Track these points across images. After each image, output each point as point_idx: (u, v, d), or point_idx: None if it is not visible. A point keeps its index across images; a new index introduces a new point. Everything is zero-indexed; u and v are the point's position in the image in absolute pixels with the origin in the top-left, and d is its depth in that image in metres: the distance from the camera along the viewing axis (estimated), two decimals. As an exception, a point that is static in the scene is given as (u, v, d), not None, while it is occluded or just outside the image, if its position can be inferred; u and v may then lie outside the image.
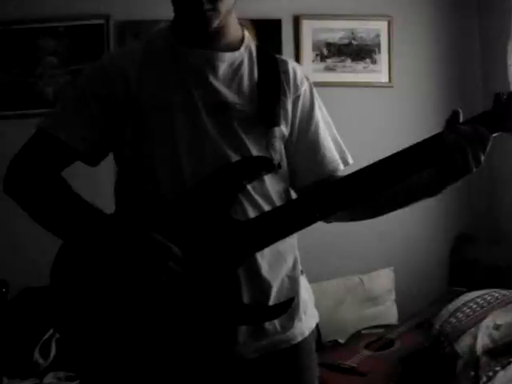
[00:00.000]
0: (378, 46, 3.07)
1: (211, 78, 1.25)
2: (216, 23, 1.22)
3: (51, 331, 2.44)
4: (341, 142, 1.39)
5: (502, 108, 1.18)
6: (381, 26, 3.07)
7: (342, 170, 1.35)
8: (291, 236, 1.26)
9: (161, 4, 1.31)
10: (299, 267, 1.33)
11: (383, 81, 3.08)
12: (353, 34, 3.07)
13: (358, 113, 3.04)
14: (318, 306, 1.41)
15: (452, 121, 1.18)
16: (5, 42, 2.91)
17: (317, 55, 3.05)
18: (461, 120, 1.18)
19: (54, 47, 2.92)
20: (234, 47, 1.30)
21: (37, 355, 2.41)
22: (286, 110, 1.30)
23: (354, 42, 3.07)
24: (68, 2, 2.90)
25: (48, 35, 2.91)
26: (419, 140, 1.20)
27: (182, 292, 1.18)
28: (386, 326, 2.67)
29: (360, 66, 3.07)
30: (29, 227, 1.29)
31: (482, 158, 1.15)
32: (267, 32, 2.98)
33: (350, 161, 1.38)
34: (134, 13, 2.88)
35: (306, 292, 1.35)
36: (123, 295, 1.19)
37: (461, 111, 1.19)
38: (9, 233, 2.70)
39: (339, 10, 3.05)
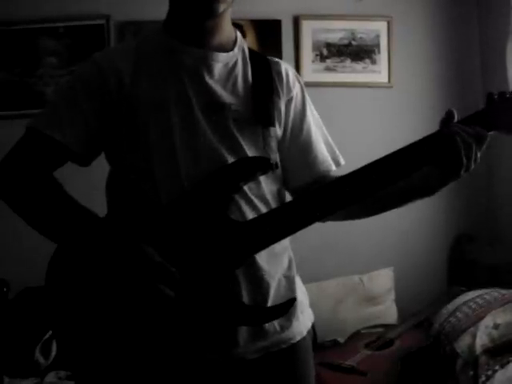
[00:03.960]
0: (378, 46, 3.07)
1: (207, 78, 1.25)
2: (222, 9, 1.21)
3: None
4: (332, 143, 1.40)
5: (494, 107, 1.20)
6: (380, 27, 3.07)
7: (334, 171, 1.36)
8: None
9: (161, 4, 1.31)
10: (294, 267, 1.34)
11: (383, 81, 3.08)
12: (352, 34, 3.07)
13: (358, 113, 3.04)
14: (317, 305, 1.42)
15: (446, 121, 1.20)
16: (5, 42, 2.91)
17: (317, 55, 3.05)
18: (455, 120, 1.20)
19: (54, 47, 2.92)
20: (228, 48, 1.30)
21: (38, 354, 2.42)
22: (279, 111, 1.31)
23: (353, 43, 3.07)
24: (68, 2, 2.90)
25: (48, 35, 2.92)
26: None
27: (181, 294, 1.16)
28: (386, 326, 2.68)
29: (360, 66, 3.08)
30: (29, 227, 1.29)
31: (479, 156, 1.18)
32: (267, 32, 2.99)
33: (342, 162, 1.39)
34: (134, 13, 2.88)
35: (301, 292, 1.35)
36: (120, 298, 1.18)
37: (455, 111, 1.20)
38: (9, 232, 2.69)
39: (339, 10, 3.05)
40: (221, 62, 1.27)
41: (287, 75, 1.35)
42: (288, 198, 1.36)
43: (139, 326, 1.17)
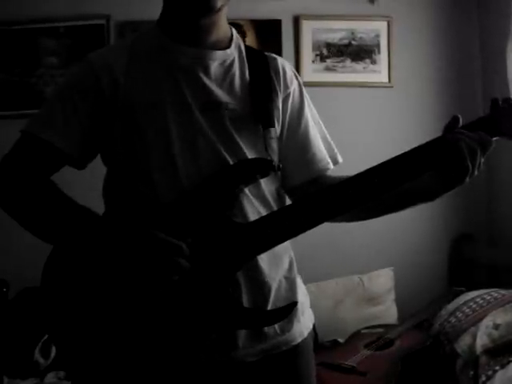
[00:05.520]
0: (378, 46, 3.07)
1: (203, 78, 1.24)
2: (219, 5, 1.20)
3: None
4: (330, 140, 1.38)
5: (499, 113, 1.20)
6: (381, 27, 3.07)
7: (332, 170, 1.35)
8: None
9: (161, 4, 1.31)
10: (295, 268, 1.32)
11: (383, 81, 3.08)
12: (353, 34, 3.07)
13: (358, 113, 3.04)
14: (317, 306, 1.41)
15: (451, 126, 1.19)
16: (5, 42, 2.91)
17: (317, 55, 3.05)
18: (459, 126, 1.19)
19: (54, 47, 2.93)
20: (224, 45, 1.28)
21: (37, 355, 2.41)
22: (277, 110, 1.29)
23: (353, 43, 3.07)
24: (68, 2, 2.90)
25: (48, 35, 2.92)
26: (419, 140, 1.20)
27: (181, 296, 1.16)
28: (386, 326, 2.68)
29: (360, 66, 3.07)
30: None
31: (483, 161, 1.17)
32: (267, 32, 2.99)
33: (340, 159, 1.38)
34: (134, 13, 2.88)
35: (302, 293, 1.34)
36: (122, 298, 1.16)
37: (460, 117, 1.19)
38: (8, 233, 2.69)
39: (339, 10, 3.05)
40: (217, 60, 1.26)
41: (284, 71, 1.33)
42: (287, 197, 1.36)
43: (139, 325, 1.16)
